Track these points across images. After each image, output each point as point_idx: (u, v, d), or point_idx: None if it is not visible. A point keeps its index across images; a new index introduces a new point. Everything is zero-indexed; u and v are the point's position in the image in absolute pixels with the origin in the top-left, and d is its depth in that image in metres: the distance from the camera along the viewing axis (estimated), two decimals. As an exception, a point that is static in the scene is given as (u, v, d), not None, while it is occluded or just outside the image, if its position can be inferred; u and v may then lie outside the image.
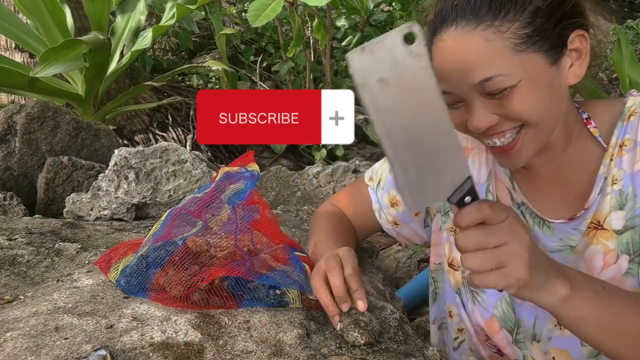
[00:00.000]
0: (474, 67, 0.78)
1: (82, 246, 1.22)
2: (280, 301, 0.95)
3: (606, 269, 0.88)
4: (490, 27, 0.78)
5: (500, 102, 0.80)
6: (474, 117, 0.83)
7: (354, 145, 4.01)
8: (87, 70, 2.44)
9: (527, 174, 0.97)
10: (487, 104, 0.81)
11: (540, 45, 0.78)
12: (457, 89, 0.82)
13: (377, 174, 1.16)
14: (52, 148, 1.92)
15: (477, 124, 0.83)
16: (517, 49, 0.78)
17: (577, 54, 0.83)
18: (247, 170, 1.13)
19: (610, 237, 0.87)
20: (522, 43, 0.78)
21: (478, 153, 1.03)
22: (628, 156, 0.86)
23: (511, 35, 0.77)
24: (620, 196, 0.86)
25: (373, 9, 4.93)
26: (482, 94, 0.81)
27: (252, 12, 2.56)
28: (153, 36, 2.81)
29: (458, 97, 0.84)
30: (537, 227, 0.95)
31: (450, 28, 0.81)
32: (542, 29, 0.78)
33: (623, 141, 0.87)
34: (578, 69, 0.83)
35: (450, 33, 0.81)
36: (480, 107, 0.82)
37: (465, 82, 0.80)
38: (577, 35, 0.81)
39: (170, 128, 3.43)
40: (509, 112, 0.81)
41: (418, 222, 1.14)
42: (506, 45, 0.77)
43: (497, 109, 0.81)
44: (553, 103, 0.82)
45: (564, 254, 0.92)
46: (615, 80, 5.21)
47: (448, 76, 0.82)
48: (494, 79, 0.78)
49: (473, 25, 0.78)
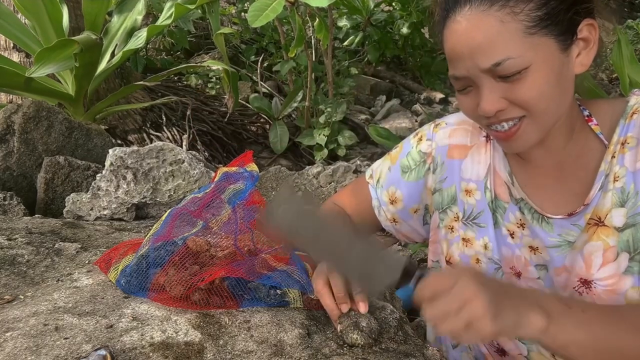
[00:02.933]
0: (487, 50, 0.78)
1: (82, 246, 1.22)
2: (280, 301, 0.95)
3: (605, 266, 0.87)
4: (504, 8, 0.77)
5: (511, 86, 0.80)
6: (483, 101, 0.83)
7: (356, 144, 4.00)
8: (77, 70, 2.44)
9: (527, 168, 0.97)
10: (497, 87, 0.81)
11: (552, 29, 0.78)
12: (468, 71, 0.82)
13: (376, 172, 1.16)
14: (48, 148, 1.92)
15: (486, 108, 0.82)
16: (529, 31, 0.77)
17: (585, 43, 0.83)
18: (245, 170, 1.13)
19: (610, 234, 0.87)
20: (534, 26, 0.77)
21: (477, 150, 1.03)
22: (630, 154, 0.86)
23: (524, 17, 0.77)
24: (622, 193, 0.86)
25: (374, 8, 4.94)
26: (493, 76, 0.81)
27: (252, 12, 2.55)
28: (147, 36, 2.80)
29: (469, 80, 0.84)
30: (536, 222, 0.95)
31: (464, 8, 0.80)
32: (554, 12, 0.78)
33: (625, 139, 0.87)
34: (585, 57, 0.84)
35: (465, 14, 0.80)
36: (490, 90, 0.82)
37: (477, 65, 0.80)
38: (586, 24, 0.82)
39: (165, 128, 3.42)
40: (518, 97, 0.81)
41: (417, 220, 1.14)
42: (519, 28, 0.77)
43: (506, 93, 0.81)
44: (560, 91, 0.83)
45: (563, 249, 0.93)
46: (615, 80, 5.21)
47: (461, 59, 0.81)
48: (505, 62, 0.78)
49: (487, 5, 0.78)
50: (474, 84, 0.84)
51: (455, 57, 0.82)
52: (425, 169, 1.08)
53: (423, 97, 5.12)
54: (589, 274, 0.89)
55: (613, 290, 0.87)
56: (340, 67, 4.68)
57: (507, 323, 0.72)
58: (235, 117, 3.92)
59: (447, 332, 0.74)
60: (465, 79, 0.84)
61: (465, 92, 0.86)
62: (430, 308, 0.74)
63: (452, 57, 0.84)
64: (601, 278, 0.88)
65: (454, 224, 1.05)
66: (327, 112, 3.75)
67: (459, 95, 0.89)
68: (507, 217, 0.98)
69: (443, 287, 0.74)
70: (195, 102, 3.72)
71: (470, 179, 1.03)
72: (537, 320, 0.73)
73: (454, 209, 1.05)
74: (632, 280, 0.86)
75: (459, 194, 1.04)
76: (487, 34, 0.78)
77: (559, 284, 0.94)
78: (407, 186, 1.10)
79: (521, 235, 0.97)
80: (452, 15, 0.82)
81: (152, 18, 4.16)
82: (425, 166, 1.08)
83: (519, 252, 0.97)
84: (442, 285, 0.74)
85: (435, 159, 1.07)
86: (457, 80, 0.86)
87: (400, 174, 1.11)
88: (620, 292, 0.86)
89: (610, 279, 0.87)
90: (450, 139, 1.06)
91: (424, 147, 1.08)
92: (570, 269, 0.91)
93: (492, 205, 1.00)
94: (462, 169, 1.04)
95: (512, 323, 0.73)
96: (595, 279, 0.88)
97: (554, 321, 0.74)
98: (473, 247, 1.02)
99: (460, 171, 1.04)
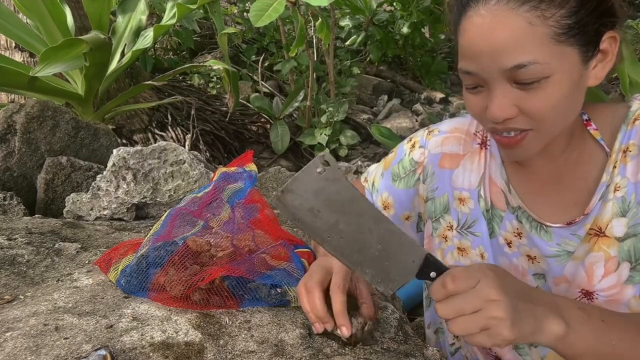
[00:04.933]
0: (510, 50, 0.73)
1: (82, 246, 1.22)
2: (281, 300, 0.95)
3: (606, 277, 0.86)
4: (536, 9, 0.72)
5: (526, 95, 0.76)
6: (494, 105, 0.78)
7: (358, 144, 3.99)
8: (87, 70, 2.43)
9: (524, 175, 0.95)
10: (511, 93, 0.77)
11: (579, 39, 0.74)
12: (484, 70, 0.77)
13: (372, 176, 1.15)
14: (52, 147, 1.91)
15: (496, 113, 0.78)
16: (558, 39, 0.73)
17: (603, 56, 0.80)
18: (244, 170, 1.13)
19: (611, 244, 0.85)
20: (563, 34, 0.73)
21: (470, 159, 1.01)
22: (632, 164, 0.83)
23: (554, 23, 0.72)
24: (623, 203, 0.84)
25: (376, 8, 4.94)
26: (510, 80, 0.76)
27: (254, 12, 2.56)
28: (154, 36, 2.81)
29: (481, 79, 0.79)
30: (534, 231, 0.93)
31: (490, 1, 0.74)
32: (583, 21, 0.74)
33: (627, 146, 0.84)
34: (601, 70, 0.80)
35: (490, 7, 0.74)
36: (502, 95, 0.77)
37: (496, 65, 0.75)
38: (609, 36, 0.78)
39: (170, 127, 3.43)
40: (530, 106, 0.77)
41: (409, 227, 1.12)
42: (547, 33, 0.72)
43: (519, 101, 0.77)
44: (572, 104, 0.80)
45: (562, 259, 0.91)
46: (615, 80, 5.21)
47: (479, 55, 0.76)
48: (529, 67, 0.73)
49: (518, 3, 0.72)
50: (486, 84, 0.79)
51: (472, 52, 0.77)
52: (414, 179, 1.06)
53: (423, 96, 5.12)
54: (590, 285, 0.87)
55: (615, 300, 0.86)
56: (342, 67, 4.68)
57: (525, 329, 0.69)
58: (236, 117, 3.92)
59: (460, 332, 0.69)
60: (477, 77, 0.79)
61: (474, 91, 0.81)
62: (447, 304, 0.70)
63: (468, 52, 0.78)
64: (603, 289, 0.87)
65: (447, 233, 1.03)
66: (328, 111, 3.75)
67: (467, 93, 0.83)
68: (504, 225, 0.96)
69: (465, 284, 0.69)
70: (198, 102, 3.73)
71: (462, 187, 1.00)
72: (556, 327, 0.71)
73: (447, 218, 1.03)
74: (634, 289, 0.85)
75: (452, 202, 1.02)
76: (514, 34, 0.72)
77: (559, 293, 0.92)
78: (397, 193, 1.09)
79: (518, 244, 0.95)
80: (474, 6, 0.76)
81: (156, 18, 4.17)
82: (415, 176, 1.06)
83: (517, 261, 0.96)
84: (464, 282, 0.69)
85: (426, 169, 1.05)
86: (468, 75, 0.80)
87: (391, 181, 1.09)
88: (622, 302, 0.85)
89: (612, 289, 0.86)
90: (442, 147, 1.03)
91: (416, 155, 1.06)
92: (571, 280, 0.90)
93: (488, 214, 0.98)
94: (453, 178, 1.01)
95: (531, 331, 0.70)
96: (597, 290, 0.87)
97: (573, 329, 0.72)
98: (469, 256, 1.01)
99: (451, 180, 1.02)
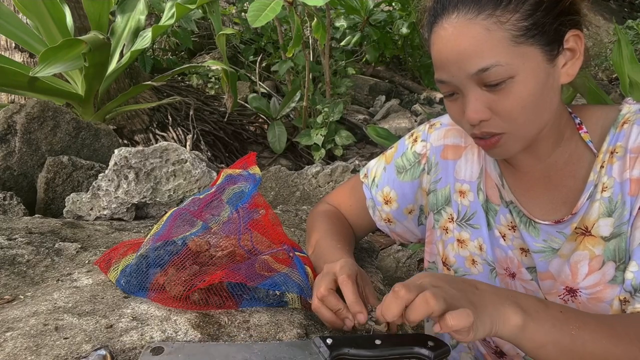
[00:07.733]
0: (473, 56, 0.79)
1: (82, 246, 1.22)
2: (279, 301, 0.95)
3: (590, 275, 0.88)
4: (491, 17, 0.78)
5: (496, 97, 0.81)
6: (468, 109, 0.83)
7: (354, 144, 4.00)
8: (87, 70, 2.44)
9: (515, 173, 0.98)
10: (482, 96, 0.82)
11: (539, 39, 0.79)
12: (454, 77, 0.83)
13: (372, 171, 1.16)
14: (52, 148, 1.92)
15: (470, 116, 0.83)
16: (516, 40, 0.78)
17: (571, 54, 0.84)
18: (249, 173, 1.13)
19: (597, 243, 0.87)
20: (521, 35, 0.78)
21: (471, 151, 1.04)
22: (618, 164, 0.86)
23: (511, 27, 0.78)
24: (610, 203, 0.86)
25: (373, 8, 4.94)
26: (479, 84, 0.81)
27: (252, 12, 2.56)
28: (153, 36, 2.82)
29: (454, 87, 0.84)
30: (523, 226, 0.95)
31: (451, 15, 0.81)
32: (541, 22, 0.79)
33: (614, 148, 0.87)
34: (571, 68, 0.84)
35: (452, 20, 0.81)
36: (475, 98, 0.83)
37: (463, 71, 0.81)
38: (572, 34, 0.83)
39: (170, 128, 3.44)
40: (501, 108, 0.81)
41: (412, 220, 1.14)
42: (505, 36, 0.78)
43: (491, 104, 0.82)
44: (544, 102, 0.83)
45: (546, 255, 0.93)
46: (615, 80, 5.22)
47: (447, 64, 0.82)
48: (492, 69, 0.78)
49: (474, 14, 0.79)
50: (460, 91, 0.84)
51: (441, 62, 0.83)
52: (420, 169, 1.09)
53: (423, 97, 5.12)
54: (574, 282, 0.89)
55: (597, 298, 0.87)
56: (338, 67, 4.69)
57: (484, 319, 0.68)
58: (234, 117, 3.93)
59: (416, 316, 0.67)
60: (450, 85, 0.85)
61: (451, 99, 0.87)
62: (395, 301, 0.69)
63: (438, 62, 0.85)
64: (586, 286, 0.88)
65: (448, 224, 1.06)
66: (324, 112, 3.76)
67: (446, 101, 0.90)
68: (498, 219, 0.99)
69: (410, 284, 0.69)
70: (196, 102, 3.73)
71: (464, 179, 1.04)
72: (514, 316, 0.70)
73: (448, 210, 1.05)
74: (618, 289, 0.86)
75: (452, 194, 1.05)
76: (474, 41, 0.79)
77: (545, 289, 0.94)
78: (401, 186, 1.10)
79: (512, 238, 0.98)
80: (439, 21, 0.83)
81: (155, 18, 4.17)
82: (420, 167, 1.09)
83: (512, 254, 0.98)
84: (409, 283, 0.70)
85: (430, 160, 1.07)
86: (443, 84, 0.86)
87: (396, 174, 1.11)
88: (606, 301, 0.86)
89: (595, 287, 0.87)
90: (445, 139, 1.06)
91: (418, 148, 1.09)
92: (556, 276, 0.92)
93: (485, 207, 1.01)
94: (456, 169, 1.04)
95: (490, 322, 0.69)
96: (580, 287, 0.89)
97: (532, 318, 0.71)
98: (468, 248, 1.03)
99: (454, 172, 1.05)
